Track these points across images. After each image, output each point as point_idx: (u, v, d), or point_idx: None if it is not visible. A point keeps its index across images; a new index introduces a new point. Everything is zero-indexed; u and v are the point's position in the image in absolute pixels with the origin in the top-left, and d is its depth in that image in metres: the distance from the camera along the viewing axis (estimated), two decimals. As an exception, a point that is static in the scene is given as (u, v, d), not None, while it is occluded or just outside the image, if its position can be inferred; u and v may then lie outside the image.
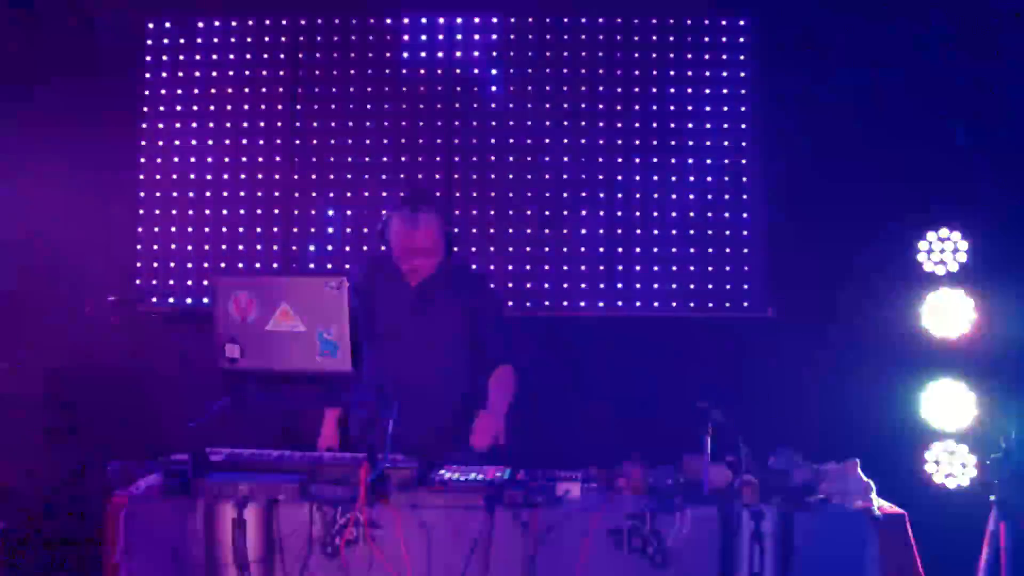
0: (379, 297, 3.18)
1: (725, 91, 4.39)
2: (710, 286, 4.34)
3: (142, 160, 4.44)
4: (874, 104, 4.14)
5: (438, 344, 3.17)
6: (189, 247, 4.42)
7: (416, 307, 3.16)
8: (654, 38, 4.40)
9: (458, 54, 4.43)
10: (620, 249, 4.37)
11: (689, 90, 4.39)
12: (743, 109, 4.38)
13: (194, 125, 4.44)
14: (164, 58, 4.46)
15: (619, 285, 4.36)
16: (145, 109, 4.45)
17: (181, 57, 4.46)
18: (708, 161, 4.38)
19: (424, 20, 4.44)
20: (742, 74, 4.38)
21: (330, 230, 4.42)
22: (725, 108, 4.38)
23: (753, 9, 4.38)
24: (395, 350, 3.13)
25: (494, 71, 4.41)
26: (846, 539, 2.50)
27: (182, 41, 4.46)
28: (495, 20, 4.43)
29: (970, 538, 3.04)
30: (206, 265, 4.41)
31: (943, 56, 3.99)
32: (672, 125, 4.38)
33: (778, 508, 2.50)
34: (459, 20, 4.43)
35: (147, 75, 4.45)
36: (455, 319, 3.18)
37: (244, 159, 4.44)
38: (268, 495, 2.51)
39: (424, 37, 4.44)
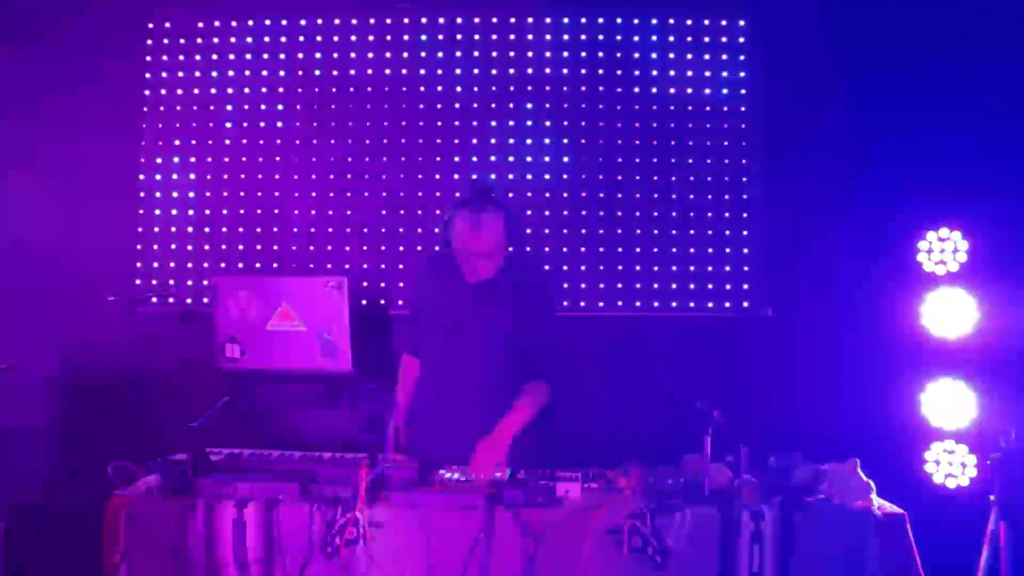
0: (437, 295, 3.12)
1: (725, 91, 4.39)
2: (710, 286, 4.34)
3: (142, 160, 4.44)
4: (874, 103, 4.13)
5: (490, 344, 3.09)
6: (189, 247, 4.43)
7: (472, 305, 3.09)
8: (654, 38, 4.41)
9: (458, 54, 4.43)
10: (620, 249, 4.37)
11: (689, 90, 4.39)
12: (743, 109, 4.38)
13: (194, 125, 4.45)
14: (164, 58, 4.47)
15: (619, 285, 4.36)
16: (145, 109, 4.45)
17: (181, 57, 4.46)
18: (708, 161, 4.38)
19: (424, 19, 4.44)
20: (742, 74, 4.39)
21: (330, 230, 4.42)
22: (725, 108, 4.39)
23: (753, 9, 4.38)
24: (450, 347, 3.10)
25: (494, 71, 4.42)
26: (846, 539, 2.50)
27: (182, 41, 4.46)
28: (494, 20, 4.42)
29: (970, 538, 3.04)
30: (206, 265, 4.42)
31: (943, 55, 3.99)
32: (672, 125, 4.39)
33: (778, 508, 2.50)
34: (459, 20, 4.43)
35: (147, 75, 4.46)
36: (508, 321, 3.09)
37: (244, 159, 4.44)
38: (268, 495, 2.51)
39: (424, 37, 4.44)
